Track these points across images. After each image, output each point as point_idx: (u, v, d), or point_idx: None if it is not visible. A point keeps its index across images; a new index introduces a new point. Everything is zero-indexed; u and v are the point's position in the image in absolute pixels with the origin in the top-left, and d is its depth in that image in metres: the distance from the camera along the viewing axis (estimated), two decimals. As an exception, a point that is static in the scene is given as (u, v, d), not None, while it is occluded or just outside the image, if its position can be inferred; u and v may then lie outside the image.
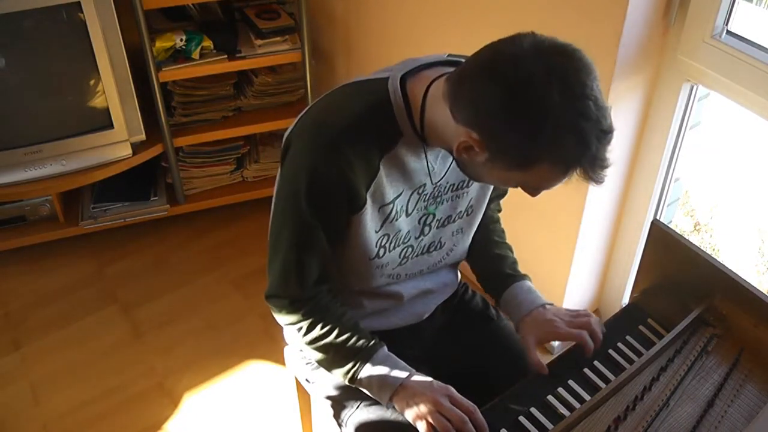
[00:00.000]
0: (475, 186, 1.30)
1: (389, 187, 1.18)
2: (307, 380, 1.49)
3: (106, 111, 2.28)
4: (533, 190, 1.11)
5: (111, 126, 2.31)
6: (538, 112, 0.96)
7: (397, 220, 1.23)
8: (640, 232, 1.99)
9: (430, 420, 1.16)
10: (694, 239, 2.78)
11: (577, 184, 1.38)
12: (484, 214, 1.38)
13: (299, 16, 2.36)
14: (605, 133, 0.99)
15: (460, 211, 1.31)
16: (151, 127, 2.40)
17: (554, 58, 0.97)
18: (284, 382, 2.15)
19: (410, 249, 1.29)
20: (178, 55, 2.32)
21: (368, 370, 1.23)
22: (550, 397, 1.23)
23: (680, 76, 1.71)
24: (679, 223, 2.79)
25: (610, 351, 1.31)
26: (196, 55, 2.32)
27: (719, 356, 1.24)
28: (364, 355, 1.24)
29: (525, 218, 2.08)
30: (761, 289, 1.22)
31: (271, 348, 2.24)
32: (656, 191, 1.91)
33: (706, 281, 1.27)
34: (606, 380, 1.26)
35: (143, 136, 2.39)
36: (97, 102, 2.28)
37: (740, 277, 1.23)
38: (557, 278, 2.07)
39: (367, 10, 2.41)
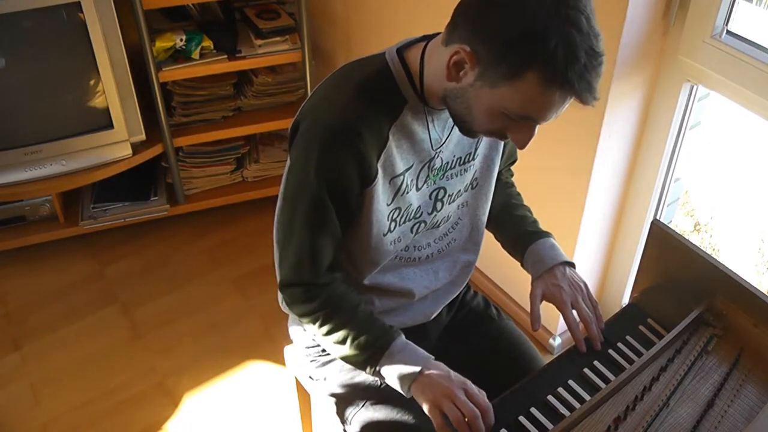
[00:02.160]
0: (479, 159, 1.30)
1: (399, 158, 1.19)
2: (310, 377, 1.48)
3: (106, 111, 2.28)
4: (523, 123, 1.08)
5: (111, 126, 2.31)
6: (528, 15, 0.98)
7: (407, 193, 1.23)
8: (640, 232, 1.99)
9: (444, 409, 1.16)
10: (694, 239, 2.78)
11: (577, 184, 1.38)
12: (498, 180, 1.40)
13: (299, 16, 2.36)
14: (596, 54, 1.00)
15: (466, 184, 1.32)
16: (151, 127, 2.40)
17: None
18: (284, 382, 2.15)
19: (423, 224, 1.30)
20: (178, 55, 2.32)
21: (387, 359, 1.22)
22: (550, 397, 1.23)
23: (680, 76, 1.71)
24: (679, 223, 2.79)
25: (610, 351, 1.31)
26: (196, 55, 2.32)
27: (719, 356, 1.24)
28: (382, 345, 1.23)
29: (525, 218, 2.08)
30: (761, 289, 1.22)
31: (271, 348, 2.24)
32: (656, 191, 1.91)
33: (706, 281, 1.28)
34: (606, 380, 1.26)
35: (143, 136, 2.39)
36: (97, 102, 2.28)
37: (740, 277, 1.24)
38: (557, 278, 2.06)
39: (367, 10, 2.41)
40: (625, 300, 2.14)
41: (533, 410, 1.21)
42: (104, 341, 2.29)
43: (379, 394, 1.34)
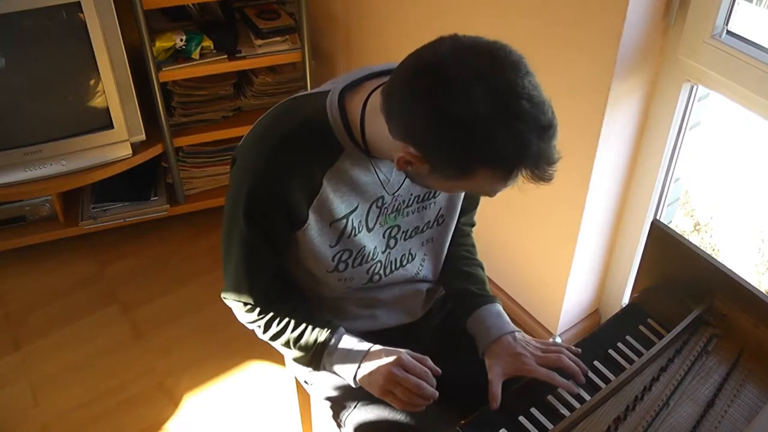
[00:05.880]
0: (443, 195, 1.29)
1: (339, 202, 1.17)
2: (305, 382, 1.49)
3: (106, 111, 2.28)
4: (486, 193, 1.08)
5: (111, 126, 2.31)
6: (465, 122, 0.92)
7: (356, 235, 1.22)
8: (640, 232, 1.99)
9: (395, 392, 1.17)
10: (694, 239, 2.78)
11: (577, 184, 1.37)
12: (456, 228, 1.36)
13: (299, 16, 2.36)
14: (545, 129, 0.95)
15: (429, 221, 1.30)
16: (151, 127, 2.40)
17: (475, 60, 0.93)
18: (284, 382, 2.15)
19: (379, 264, 1.28)
20: (178, 55, 2.32)
21: (328, 358, 1.25)
22: (550, 397, 1.23)
23: (680, 76, 1.71)
24: (679, 223, 2.79)
25: (610, 351, 1.31)
26: (196, 55, 2.32)
27: (719, 356, 1.24)
28: (320, 345, 1.26)
29: (525, 218, 2.08)
30: (761, 289, 1.22)
31: (271, 348, 2.22)
32: (656, 191, 1.91)
33: (706, 281, 1.28)
34: (606, 380, 1.26)
35: (143, 136, 2.39)
36: (97, 102, 2.28)
37: (740, 277, 1.24)
38: (557, 278, 2.07)
39: (367, 10, 2.41)
40: (625, 300, 2.14)
41: (533, 410, 1.21)
42: (104, 341, 2.29)
43: (370, 395, 1.34)
